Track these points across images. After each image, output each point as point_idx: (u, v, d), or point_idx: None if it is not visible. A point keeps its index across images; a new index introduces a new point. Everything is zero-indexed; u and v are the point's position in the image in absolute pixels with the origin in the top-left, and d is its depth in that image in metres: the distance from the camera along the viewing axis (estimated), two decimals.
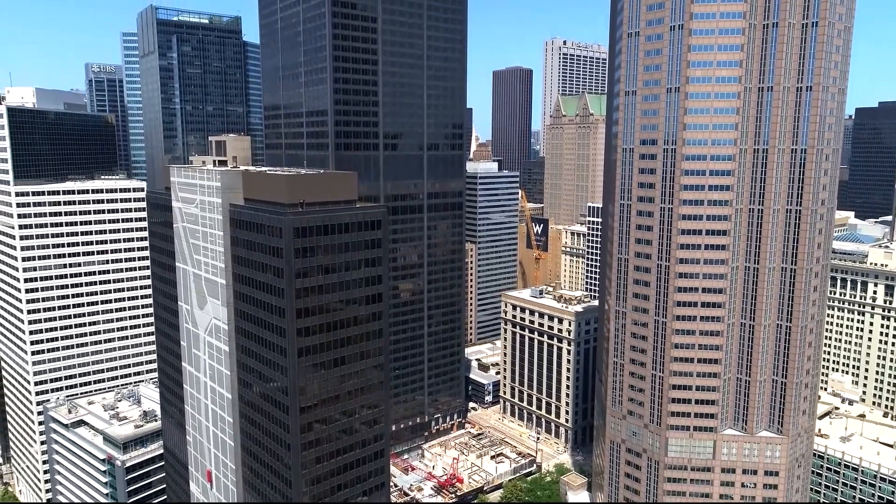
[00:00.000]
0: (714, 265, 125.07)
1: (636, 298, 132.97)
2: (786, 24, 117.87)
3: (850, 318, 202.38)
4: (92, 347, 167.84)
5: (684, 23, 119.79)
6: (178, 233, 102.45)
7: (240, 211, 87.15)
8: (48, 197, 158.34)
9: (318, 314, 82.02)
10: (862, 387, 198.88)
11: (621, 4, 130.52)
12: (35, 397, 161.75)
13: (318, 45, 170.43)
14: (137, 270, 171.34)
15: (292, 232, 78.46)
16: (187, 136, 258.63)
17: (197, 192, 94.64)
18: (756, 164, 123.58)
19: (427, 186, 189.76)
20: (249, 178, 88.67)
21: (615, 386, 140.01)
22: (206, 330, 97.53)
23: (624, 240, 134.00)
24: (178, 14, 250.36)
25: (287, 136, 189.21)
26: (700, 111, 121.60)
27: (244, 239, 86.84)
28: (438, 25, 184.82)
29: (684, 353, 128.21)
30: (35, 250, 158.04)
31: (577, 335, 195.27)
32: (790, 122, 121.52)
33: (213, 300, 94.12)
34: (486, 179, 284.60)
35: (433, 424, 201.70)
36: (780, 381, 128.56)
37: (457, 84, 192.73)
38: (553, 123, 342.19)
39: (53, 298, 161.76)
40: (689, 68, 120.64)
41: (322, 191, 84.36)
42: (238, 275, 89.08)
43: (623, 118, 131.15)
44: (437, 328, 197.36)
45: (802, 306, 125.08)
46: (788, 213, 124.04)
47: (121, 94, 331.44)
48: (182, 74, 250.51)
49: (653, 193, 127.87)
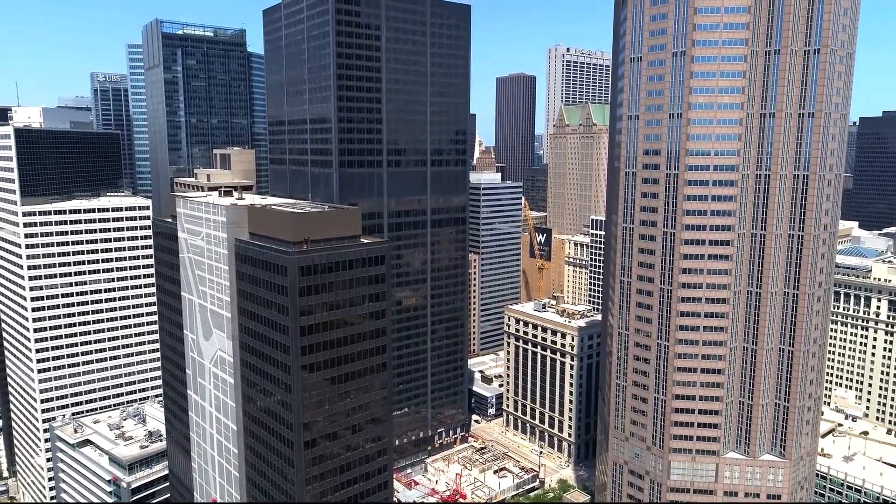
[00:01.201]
0: (716, 290, 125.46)
1: (639, 321, 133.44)
2: (788, 51, 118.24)
3: (853, 332, 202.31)
4: (97, 365, 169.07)
5: (686, 49, 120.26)
6: (183, 263, 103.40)
7: (245, 247, 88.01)
8: (55, 216, 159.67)
9: (323, 350, 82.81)
10: (865, 402, 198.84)
11: (624, 28, 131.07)
12: (41, 415, 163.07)
13: (323, 63, 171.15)
14: (143, 288, 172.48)
15: (297, 270, 79.28)
16: (192, 148, 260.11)
17: (203, 226, 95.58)
18: (758, 189, 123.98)
19: (430, 202, 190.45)
20: (255, 214, 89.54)
21: (617, 407, 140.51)
22: (211, 361, 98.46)
23: (626, 262, 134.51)
24: (182, 27, 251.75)
25: (291, 151, 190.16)
26: (703, 137, 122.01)
27: (249, 274, 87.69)
28: (442, 42, 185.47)
29: (687, 376, 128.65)
30: (41, 269, 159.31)
31: (580, 350, 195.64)
32: (792, 148, 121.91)
33: (219, 332, 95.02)
34: (489, 190, 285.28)
35: (436, 439, 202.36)
36: (782, 405, 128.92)
37: (460, 100, 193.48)
38: (556, 133, 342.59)
39: (60, 317, 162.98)
40: (692, 94, 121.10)
41: (326, 227, 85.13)
42: (243, 308, 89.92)
43: (625, 142, 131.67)
44: (440, 342, 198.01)
45: (805, 330, 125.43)
46: (791, 237, 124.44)
47: (126, 103, 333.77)
48: (187, 87, 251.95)
49: (655, 217, 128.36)
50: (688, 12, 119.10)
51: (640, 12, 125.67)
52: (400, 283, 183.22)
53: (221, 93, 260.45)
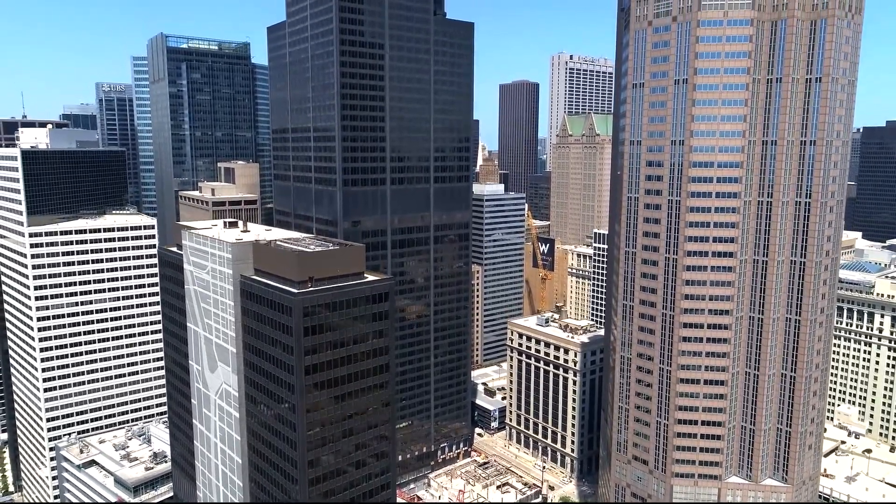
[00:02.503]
0: (719, 315, 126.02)
1: (641, 345, 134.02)
2: (789, 79, 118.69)
3: (856, 348, 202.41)
4: (103, 384, 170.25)
5: (689, 77, 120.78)
6: (189, 294, 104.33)
7: (251, 284, 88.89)
8: (61, 237, 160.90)
9: (327, 388, 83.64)
10: (868, 419, 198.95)
11: (626, 53, 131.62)
12: (47, 433, 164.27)
13: (327, 83, 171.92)
14: (148, 307, 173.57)
15: (301, 311, 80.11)
16: (196, 160, 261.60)
17: (208, 260, 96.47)
18: (760, 215, 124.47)
19: (434, 218, 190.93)
20: (260, 251, 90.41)
21: (620, 430, 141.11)
22: (216, 393, 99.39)
23: (629, 286, 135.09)
24: (187, 41, 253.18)
25: (295, 168, 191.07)
26: (705, 164, 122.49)
27: (255, 311, 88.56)
28: (445, 59, 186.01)
29: (689, 401, 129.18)
30: (48, 289, 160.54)
31: (583, 366, 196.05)
32: (794, 175, 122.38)
33: (224, 366, 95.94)
34: (492, 201, 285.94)
35: (439, 454, 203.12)
36: (784, 430, 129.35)
37: (463, 116, 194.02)
38: (559, 143, 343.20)
39: (65, 336, 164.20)
40: (694, 122, 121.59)
41: (331, 265, 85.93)
42: (248, 344, 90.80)
43: (628, 167, 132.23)
44: (444, 357, 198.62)
45: (807, 356, 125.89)
46: (792, 264, 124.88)
47: (131, 113, 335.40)
48: (191, 101, 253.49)
49: (657, 243, 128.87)
50: (690, 40, 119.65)
51: (641, 39, 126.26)
52: (403, 296, 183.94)
53: (226, 106, 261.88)
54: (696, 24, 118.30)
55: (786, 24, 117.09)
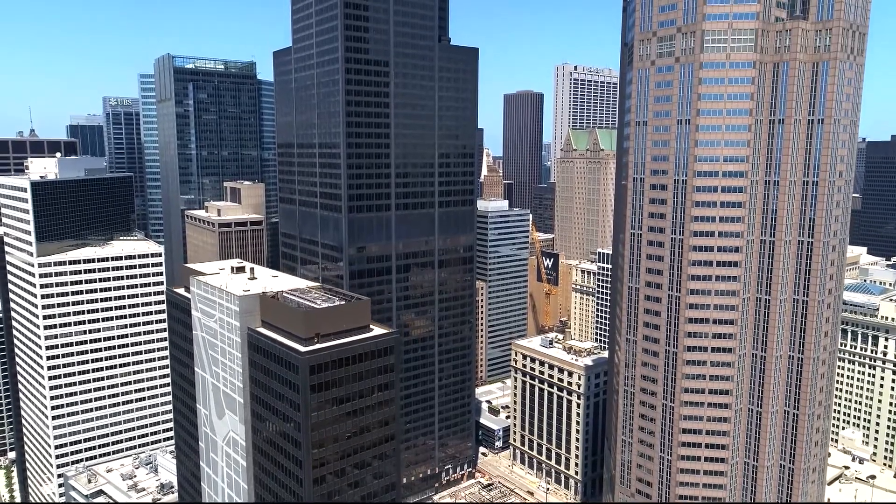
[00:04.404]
0: (721, 353, 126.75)
1: (644, 381, 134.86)
2: (792, 120, 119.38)
3: (860, 371, 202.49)
4: (111, 409, 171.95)
5: (691, 118, 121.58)
6: (197, 339, 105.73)
7: (258, 337, 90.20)
8: (69, 267, 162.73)
9: (333, 444, 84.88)
10: (873, 444, 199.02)
11: (629, 91, 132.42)
12: (55, 460, 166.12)
13: (332, 110, 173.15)
14: (155, 333, 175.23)
15: (308, 369, 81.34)
16: (202, 179, 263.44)
17: (216, 310, 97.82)
18: (763, 254, 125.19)
19: (438, 242, 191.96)
20: (267, 304, 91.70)
21: (623, 463, 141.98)
22: (223, 439, 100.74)
23: (632, 321, 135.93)
24: (193, 61, 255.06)
25: (301, 192, 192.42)
26: (707, 204, 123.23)
27: (262, 364, 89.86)
28: (450, 85, 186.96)
29: (692, 437, 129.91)
30: (56, 318, 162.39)
31: (587, 389, 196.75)
32: (796, 214, 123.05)
33: (231, 414, 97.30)
34: (497, 218, 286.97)
35: (443, 475, 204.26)
36: (787, 467, 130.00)
37: (467, 141, 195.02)
38: (563, 157, 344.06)
39: (74, 364, 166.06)
40: (696, 162, 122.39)
41: (337, 321, 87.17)
42: (255, 396, 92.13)
43: (630, 204, 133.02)
44: (448, 380, 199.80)
45: (810, 394, 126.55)
46: (795, 302, 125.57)
47: (138, 129, 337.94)
48: (198, 121, 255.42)
49: (661, 280, 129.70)
50: (693, 82, 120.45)
51: (645, 78, 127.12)
52: (407, 316, 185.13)
53: (232, 125, 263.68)
54: (699, 66, 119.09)
55: (788, 67, 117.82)
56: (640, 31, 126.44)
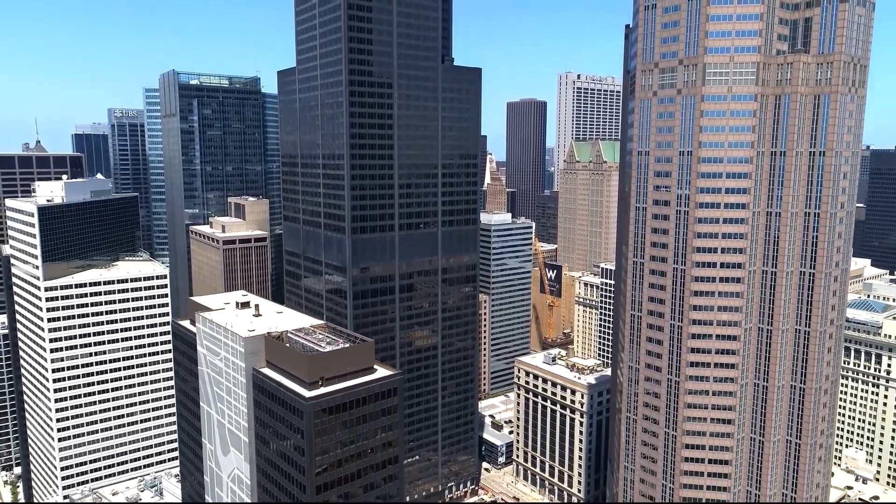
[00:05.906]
0: (724, 383, 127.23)
1: (646, 408, 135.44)
2: (793, 153, 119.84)
3: (864, 389, 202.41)
4: (116, 431, 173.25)
5: (693, 150, 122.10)
6: (202, 375, 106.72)
7: (263, 379, 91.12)
8: (75, 290, 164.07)
9: (337, 486, 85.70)
10: (876, 463, 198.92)
11: (631, 120, 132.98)
12: (61, 482, 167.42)
13: (336, 132, 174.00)
14: (160, 354, 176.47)
15: (313, 415, 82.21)
16: (207, 194, 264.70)
17: (221, 349, 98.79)
18: (765, 284, 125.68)
19: (441, 261, 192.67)
20: (272, 346, 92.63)
21: (625, 488, 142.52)
22: (229, 476, 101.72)
23: (634, 350, 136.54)
24: (198, 77, 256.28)
25: (305, 212, 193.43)
26: (709, 235, 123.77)
27: (267, 406, 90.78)
28: (453, 106, 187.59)
29: (695, 466, 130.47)
30: (62, 341, 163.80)
31: (590, 407, 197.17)
32: (798, 245, 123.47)
33: (236, 452, 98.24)
34: (500, 231, 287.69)
35: (447, 493, 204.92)
36: (789, 495, 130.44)
37: (470, 160, 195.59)
38: (567, 168, 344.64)
39: (80, 386, 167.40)
40: (699, 194, 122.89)
41: (341, 364, 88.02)
42: (260, 436, 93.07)
43: (633, 232, 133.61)
44: (451, 397, 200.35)
45: (812, 424, 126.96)
46: (797, 333, 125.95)
47: (142, 140, 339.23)
48: (202, 136, 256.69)
49: (662, 308, 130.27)
50: (694, 114, 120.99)
51: (647, 108, 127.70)
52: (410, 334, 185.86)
53: (236, 140, 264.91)
54: (701, 99, 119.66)
55: (789, 99, 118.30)
56: (642, 62, 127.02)
